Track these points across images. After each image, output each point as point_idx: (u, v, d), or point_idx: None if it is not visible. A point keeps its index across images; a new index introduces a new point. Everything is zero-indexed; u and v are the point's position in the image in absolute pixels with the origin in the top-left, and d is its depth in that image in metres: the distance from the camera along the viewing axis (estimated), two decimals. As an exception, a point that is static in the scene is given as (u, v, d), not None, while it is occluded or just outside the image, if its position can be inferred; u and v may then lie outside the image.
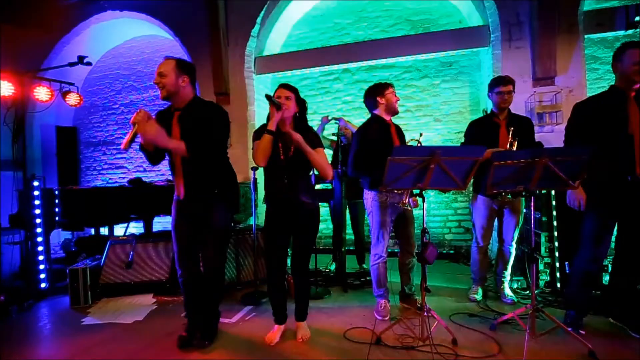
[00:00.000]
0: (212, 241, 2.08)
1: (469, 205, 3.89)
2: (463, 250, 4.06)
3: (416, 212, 2.57)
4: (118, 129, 5.68)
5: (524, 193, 1.94)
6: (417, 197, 2.05)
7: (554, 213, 2.69)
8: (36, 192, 3.24)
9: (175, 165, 2.04)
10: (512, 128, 2.39)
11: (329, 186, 3.39)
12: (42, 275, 3.23)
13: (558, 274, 2.70)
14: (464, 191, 2.94)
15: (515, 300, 2.61)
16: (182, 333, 2.12)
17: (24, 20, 5.24)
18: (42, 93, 4.20)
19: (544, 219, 2.74)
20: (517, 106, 3.40)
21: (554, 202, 2.68)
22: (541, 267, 2.78)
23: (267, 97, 1.94)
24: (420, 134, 2.49)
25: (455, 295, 2.82)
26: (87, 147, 5.83)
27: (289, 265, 2.50)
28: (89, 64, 3.92)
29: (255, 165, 2.04)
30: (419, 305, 1.99)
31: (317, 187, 3.40)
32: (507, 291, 2.67)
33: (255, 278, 3.05)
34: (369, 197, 2.48)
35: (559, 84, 3.34)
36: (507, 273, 2.68)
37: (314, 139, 2.05)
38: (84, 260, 3.11)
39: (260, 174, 2.57)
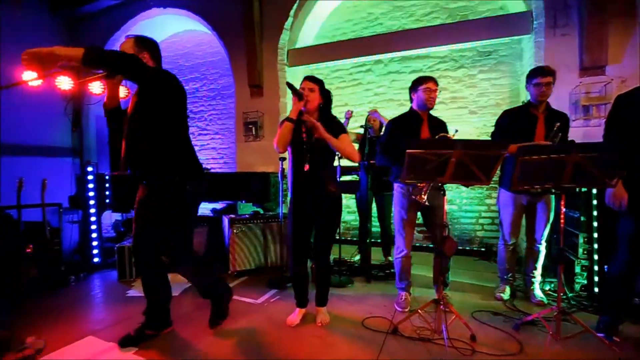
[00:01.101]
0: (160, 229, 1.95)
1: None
2: (495, 248, 3.91)
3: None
4: (162, 119, 6.09)
5: (553, 190, 1.85)
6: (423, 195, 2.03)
7: (594, 213, 2.52)
8: (90, 177, 3.59)
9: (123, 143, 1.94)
10: (557, 124, 2.26)
11: (355, 178, 3.43)
12: (95, 251, 3.62)
13: (596, 278, 2.54)
14: (498, 187, 2.83)
15: (546, 301, 2.50)
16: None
17: (84, 20, 5.74)
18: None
19: (582, 218, 2.58)
20: (561, 98, 3.19)
21: (594, 201, 2.51)
22: (578, 269, 2.63)
23: (288, 85, 2.03)
24: (456, 130, 2.40)
25: (481, 293, 2.76)
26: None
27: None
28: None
29: (283, 155, 2.15)
30: (437, 299, 1.99)
31: (344, 178, 3.46)
32: (537, 292, 2.57)
33: (281, 264, 3.19)
34: (395, 189, 2.50)
35: (610, 73, 3.07)
36: (537, 273, 2.57)
37: (337, 127, 2.12)
38: (129, 239, 3.43)
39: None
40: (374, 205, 3.52)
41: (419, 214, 2.50)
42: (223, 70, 5.41)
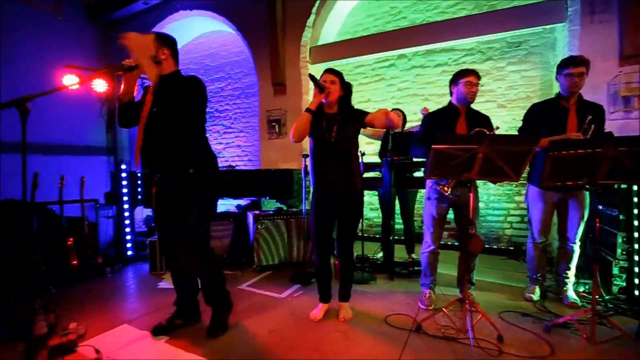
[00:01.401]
0: (183, 228, 1.99)
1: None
2: (524, 247, 3.76)
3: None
4: (189, 119, 6.28)
5: (587, 186, 1.76)
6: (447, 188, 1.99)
7: (635, 211, 2.37)
8: (123, 174, 3.78)
9: (137, 140, 1.93)
10: (589, 117, 2.15)
11: (378, 174, 3.40)
12: (129, 245, 3.81)
13: (637, 280, 2.40)
14: (527, 183, 2.72)
15: (579, 304, 2.39)
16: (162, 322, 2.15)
17: (117, 25, 6.02)
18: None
19: (621, 217, 2.44)
20: (598, 89, 3.02)
21: (635, 199, 2.36)
22: (616, 271, 2.49)
23: (311, 77, 2.05)
24: (497, 127, 2.29)
25: (510, 293, 2.67)
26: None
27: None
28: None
29: (306, 152, 2.17)
30: (462, 298, 1.95)
31: (367, 175, 3.44)
32: (570, 293, 2.46)
33: (304, 259, 3.22)
34: (427, 185, 2.47)
35: (653, 61, 2.87)
36: (571, 274, 2.46)
37: (360, 113, 2.12)
38: (160, 234, 3.59)
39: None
40: (397, 202, 3.49)
41: (450, 210, 2.45)
42: (247, 69, 5.51)
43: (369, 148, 4.34)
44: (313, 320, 2.24)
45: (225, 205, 5.37)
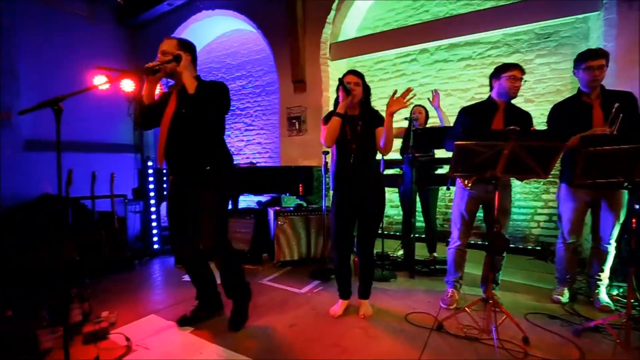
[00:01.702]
0: (201, 223, 2.04)
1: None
2: (552, 247, 3.62)
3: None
4: (211, 116, 6.42)
5: (625, 184, 1.67)
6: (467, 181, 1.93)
7: (676, 210, 2.22)
8: (150, 171, 3.92)
9: (160, 140, 2.01)
10: (616, 104, 2.03)
11: (398, 171, 3.36)
12: (155, 239, 3.96)
13: (676, 284, 2.25)
14: (558, 181, 2.60)
15: (612, 307, 2.27)
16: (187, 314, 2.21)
17: (143, 27, 6.22)
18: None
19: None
20: (637, 80, 2.84)
21: (676, 198, 2.22)
22: (654, 273, 2.35)
23: (341, 81, 2.06)
24: (532, 129, 2.18)
25: (536, 294, 2.59)
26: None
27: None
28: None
29: (326, 149, 2.19)
30: (485, 298, 1.90)
31: (387, 172, 3.41)
32: (603, 296, 2.35)
33: (324, 255, 3.24)
34: (457, 181, 2.43)
35: (699, 50, 2.67)
36: (604, 276, 2.34)
37: (378, 120, 2.15)
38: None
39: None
40: (418, 200, 3.43)
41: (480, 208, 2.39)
42: (267, 67, 5.56)
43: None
44: (333, 316, 2.25)
45: (247, 201, 5.47)
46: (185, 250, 2.13)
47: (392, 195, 4.58)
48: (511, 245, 3.79)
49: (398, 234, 4.30)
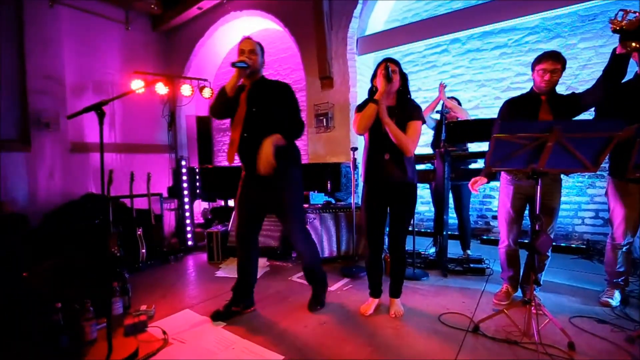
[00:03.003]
0: (282, 213, 2.22)
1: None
2: (599, 245, 3.36)
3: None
4: (240, 116, 6.55)
5: (688, 178, 1.50)
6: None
7: None
8: (183, 170, 4.06)
9: (233, 134, 2.12)
10: None
11: (430, 166, 3.26)
12: (189, 235, 4.10)
13: None
14: (606, 176, 2.40)
15: (672, 312, 2.08)
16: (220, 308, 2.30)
17: (175, 31, 6.46)
18: (186, 90, 5.16)
19: None
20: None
21: None
22: None
23: (385, 66, 1.97)
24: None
25: (582, 297, 2.41)
26: (218, 132, 6.92)
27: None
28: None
29: (354, 146, 2.16)
30: (526, 299, 1.80)
31: (418, 167, 3.31)
32: (660, 300, 2.15)
33: (354, 253, 3.21)
34: (501, 176, 2.33)
35: None
36: (661, 278, 2.15)
37: (411, 112, 2.05)
38: (216, 226, 3.82)
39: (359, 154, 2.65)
40: (450, 196, 3.31)
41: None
42: (294, 64, 5.58)
43: (420, 139, 4.18)
44: (363, 314, 2.22)
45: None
46: (249, 241, 2.27)
47: (422, 191, 4.45)
48: (553, 244, 3.57)
49: (430, 231, 4.17)
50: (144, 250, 3.36)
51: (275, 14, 5.11)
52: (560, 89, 3.63)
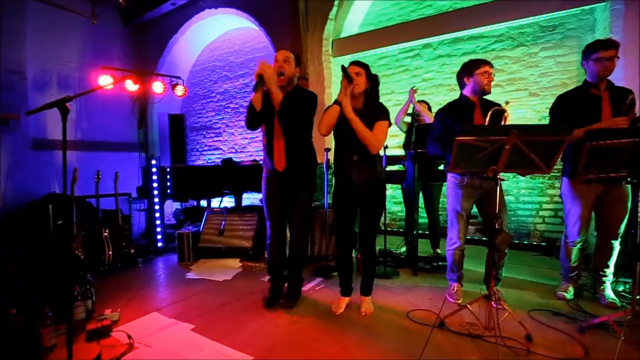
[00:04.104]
0: (300, 215, 2.31)
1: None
2: (558, 243, 3.56)
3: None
4: (215, 115, 6.44)
5: (629, 179, 1.63)
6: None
7: (684, 205, 2.17)
8: (154, 169, 3.94)
9: (277, 144, 2.27)
10: (631, 95, 2.02)
11: (401, 167, 3.34)
12: (159, 237, 3.99)
13: (685, 280, 2.21)
14: (561, 176, 2.56)
15: (618, 304, 2.23)
16: (266, 294, 2.44)
17: (147, 26, 6.25)
18: (157, 87, 5.01)
19: (668, 211, 2.25)
20: (643, 74, 2.78)
21: (684, 192, 2.17)
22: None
23: (343, 68, 2.04)
24: (507, 102, 2.21)
25: (540, 291, 2.55)
26: (192, 131, 6.77)
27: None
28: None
29: (328, 146, 2.22)
30: (487, 294, 1.88)
31: (390, 168, 3.39)
32: (608, 292, 2.31)
33: (327, 253, 3.24)
34: (448, 179, 2.41)
35: None
36: (610, 272, 2.31)
37: (377, 113, 2.09)
38: (188, 227, 3.73)
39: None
40: (421, 196, 3.41)
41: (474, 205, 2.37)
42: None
43: (392, 141, 4.27)
44: (334, 313, 2.25)
45: (250, 199, 5.49)
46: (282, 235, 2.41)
47: (395, 191, 4.56)
48: (516, 241, 3.75)
49: (402, 230, 4.27)
50: (110, 252, 3.23)
51: (251, 12, 5.07)
52: (522, 94, 3.86)
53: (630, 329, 1.68)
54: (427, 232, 3.55)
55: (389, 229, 4.60)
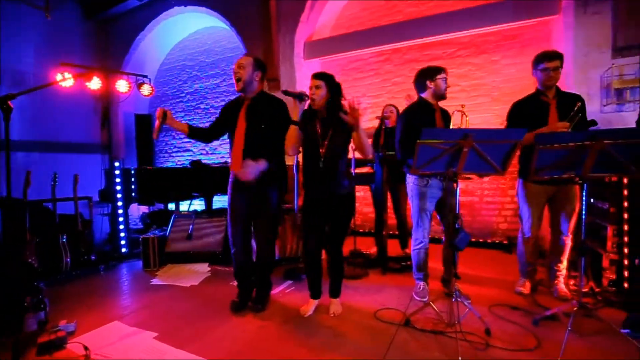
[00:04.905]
0: (266, 220, 2.31)
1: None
2: (518, 241, 3.76)
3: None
4: (185, 115, 6.27)
5: (577, 180, 1.75)
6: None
7: (625, 204, 2.36)
8: (117, 172, 3.78)
9: (235, 148, 2.28)
10: (578, 103, 2.18)
11: (371, 169, 3.40)
12: (123, 242, 3.82)
13: (626, 273, 2.39)
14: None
15: (570, 296, 2.39)
16: (234, 299, 2.39)
17: (112, 22, 5.99)
18: (122, 85, 4.81)
19: (611, 210, 2.43)
20: (591, 81, 3.01)
21: (625, 191, 2.35)
22: (606, 263, 2.49)
23: (284, 92, 2.14)
24: (462, 105, 2.38)
25: (502, 287, 2.67)
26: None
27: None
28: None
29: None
30: (448, 292, 1.95)
31: (359, 170, 3.43)
32: (562, 286, 2.46)
33: (297, 255, 3.23)
34: (409, 182, 2.46)
35: (647, 53, 2.84)
36: (563, 267, 2.46)
37: (346, 121, 2.09)
38: (154, 231, 3.60)
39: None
40: (389, 197, 3.48)
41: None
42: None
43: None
44: (303, 316, 2.25)
45: (222, 201, 5.38)
46: (246, 244, 2.39)
47: (366, 193, 4.62)
48: (480, 240, 3.91)
49: (373, 231, 4.34)
50: (68, 259, 3.06)
51: (222, 12, 4.99)
52: (485, 100, 4.04)
53: (576, 319, 1.80)
54: (396, 232, 3.63)
55: (360, 230, 4.67)
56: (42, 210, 3.47)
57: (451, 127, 2.47)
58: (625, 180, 2.34)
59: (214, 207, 4.31)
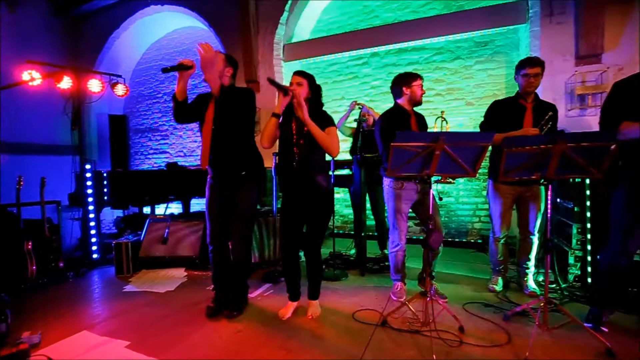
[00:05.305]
0: (240, 219, 2.27)
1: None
2: (491, 240, 3.89)
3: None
4: (162, 116, 6.11)
5: (542, 181, 1.83)
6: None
7: (588, 203, 2.49)
8: (88, 175, 3.63)
9: (204, 145, 2.20)
10: (550, 113, 2.32)
11: (349, 172, 3.43)
12: (94, 247, 3.67)
13: (589, 269, 2.53)
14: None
15: (539, 293, 2.49)
16: (209, 304, 2.34)
17: (85, 19, 5.77)
18: (94, 85, 4.64)
19: (576, 209, 2.56)
20: (556, 87, 3.16)
21: (587, 192, 2.49)
22: (571, 260, 2.62)
23: (270, 81, 2.07)
24: (442, 112, 2.47)
25: (475, 285, 2.76)
26: (136, 133, 6.36)
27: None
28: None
29: (276, 150, 2.22)
30: (423, 291, 1.99)
31: (338, 172, 3.46)
32: (530, 283, 2.57)
33: (276, 258, 3.21)
34: (385, 184, 2.50)
35: (606, 61, 3.02)
36: (531, 264, 2.57)
37: (324, 120, 2.13)
38: (127, 236, 3.49)
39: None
40: (368, 199, 3.52)
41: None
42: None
43: (342, 145, 4.36)
44: (281, 318, 2.23)
45: (200, 204, 5.28)
46: (223, 243, 2.33)
47: (346, 195, 4.65)
48: (456, 240, 4.02)
49: (352, 232, 4.38)
50: (34, 267, 2.91)
51: (200, 12, 4.92)
52: (459, 104, 4.16)
53: (543, 314, 1.88)
54: (375, 234, 3.67)
55: (340, 231, 4.70)
56: (5, 215, 3.29)
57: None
58: (587, 181, 2.48)
59: (191, 210, 4.22)
